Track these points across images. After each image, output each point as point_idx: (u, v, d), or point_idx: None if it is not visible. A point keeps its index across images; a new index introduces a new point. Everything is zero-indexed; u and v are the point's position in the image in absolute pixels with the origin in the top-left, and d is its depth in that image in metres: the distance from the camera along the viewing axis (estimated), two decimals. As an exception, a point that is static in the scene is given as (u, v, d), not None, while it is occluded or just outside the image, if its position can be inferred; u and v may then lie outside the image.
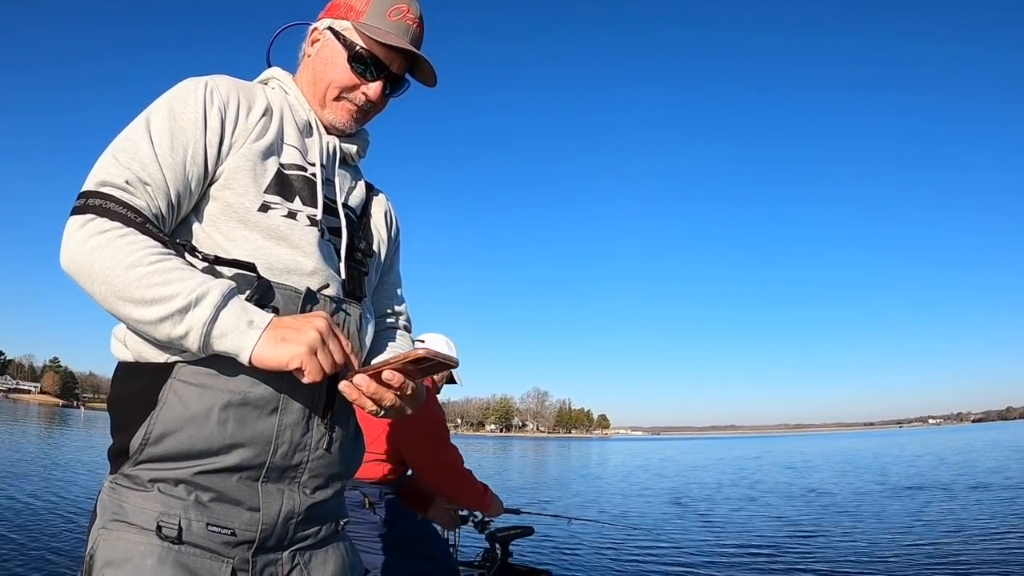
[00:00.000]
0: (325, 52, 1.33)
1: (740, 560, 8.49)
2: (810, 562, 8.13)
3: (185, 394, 1.09)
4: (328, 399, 1.21)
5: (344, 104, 1.34)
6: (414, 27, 1.34)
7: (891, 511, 12.60)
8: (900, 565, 7.74)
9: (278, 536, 1.18)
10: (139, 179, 1.08)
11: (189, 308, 1.00)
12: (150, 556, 1.05)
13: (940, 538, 9.38)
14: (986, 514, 11.55)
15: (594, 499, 16.86)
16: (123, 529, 1.08)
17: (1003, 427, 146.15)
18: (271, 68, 1.41)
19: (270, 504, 1.16)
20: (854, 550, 8.73)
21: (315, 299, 1.20)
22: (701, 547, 9.46)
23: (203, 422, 1.09)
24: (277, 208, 1.21)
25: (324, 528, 1.28)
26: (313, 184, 1.27)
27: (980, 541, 9.01)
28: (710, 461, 38.60)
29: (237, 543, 1.13)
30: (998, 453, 32.52)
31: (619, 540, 9.87)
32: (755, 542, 9.71)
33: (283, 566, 1.20)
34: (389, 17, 1.31)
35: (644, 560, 8.59)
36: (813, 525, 11.24)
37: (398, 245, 1.56)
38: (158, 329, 1.02)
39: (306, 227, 1.23)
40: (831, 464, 31.30)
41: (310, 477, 1.21)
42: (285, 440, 1.15)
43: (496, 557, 3.65)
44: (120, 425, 1.13)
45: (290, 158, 1.26)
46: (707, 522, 12.19)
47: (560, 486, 21.63)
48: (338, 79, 1.32)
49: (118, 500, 1.11)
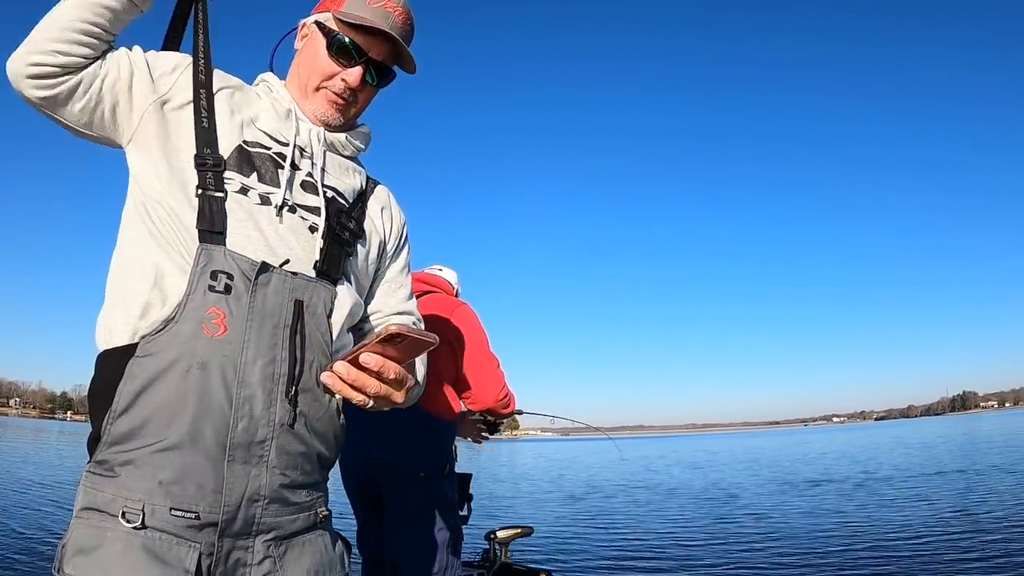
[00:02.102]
0: (310, 44, 1.39)
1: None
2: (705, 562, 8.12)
3: (143, 367, 1.11)
4: (292, 370, 1.19)
5: (325, 93, 1.37)
6: (396, 14, 1.37)
7: (792, 507, 12.89)
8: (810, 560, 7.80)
9: (244, 520, 1.16)
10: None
11: None
12: (117, 542, 1.07)
13: (839, 531, 9.63)
14: (895, 506, 11.98)
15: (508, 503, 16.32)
16: (93, 517, 1.10)
17: (905, 424, 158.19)
18: (264, 73, 1.44)
19: (233, 484, 1.14)
20: (750, 548, 8.80)
21: (268, 269, 1.19)
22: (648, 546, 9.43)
23: (161, 392, 1.10)
24: (229, 183, 1.23)
25: (301, 518, 1.25)
26: (275, 163, 1.30)
27: (888, 532, 9.27)
28: (613, 461, 38.98)
29: (202, 526, 1.12)
30: (902, 449, 33.67)
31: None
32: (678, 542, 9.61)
33: (254, 554, 1.18)
34: (369, 4, 1.35)
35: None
36: (711, 523, 11.38)
37: (404, 242, 1.57)
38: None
39: (255, 205, 1.24)
40: (737, 462, 32.35)
41: (278, 455, 1.18)
42: (245, 413, 1.14)
43: (496, 557, 3.77)
44: (92, 413, 1.15)
45: (254, 136, 1.30)
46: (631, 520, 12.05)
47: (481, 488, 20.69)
48: (319, 67, 1.36)
49: (90, 488, 1.13)
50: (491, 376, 2.96)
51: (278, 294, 1.18)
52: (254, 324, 1.14)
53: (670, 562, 8.08)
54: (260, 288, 1.17)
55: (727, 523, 11.12)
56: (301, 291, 1.22)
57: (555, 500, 16.30)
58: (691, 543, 9.30)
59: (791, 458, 33.07)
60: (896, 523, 9.97)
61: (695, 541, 9.47)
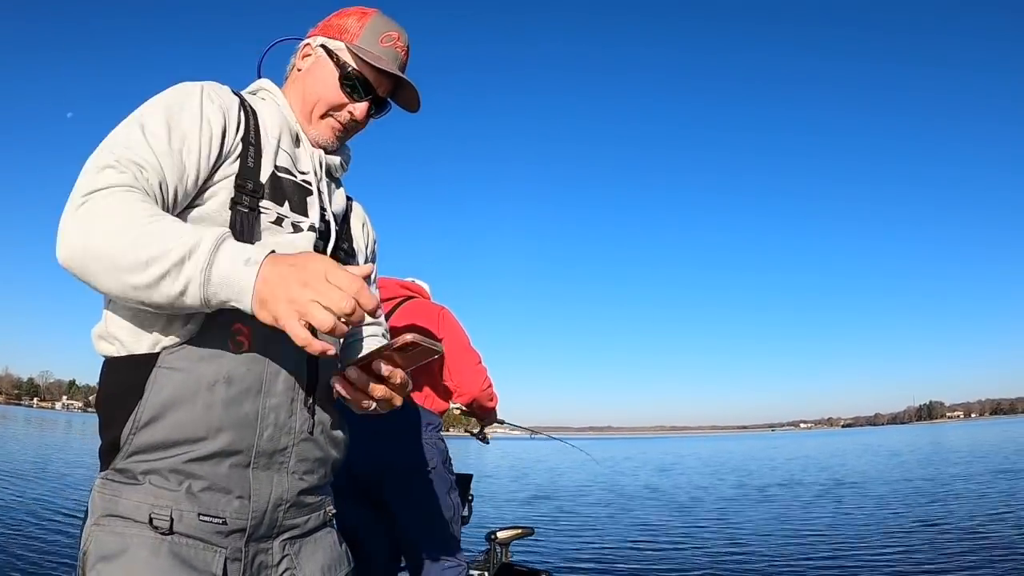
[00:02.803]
0: (317, 69, 1.40)
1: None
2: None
3: (170, 380, 1.12)
4: (311, 381, 1.25)
5: (329, 121, 1.40)
6: (402, 55, 1.44)
7: (757, 512, 12.98)
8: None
9: (268, 524, 1.21)
10: (132, 160, 1.08)
11: (184, 260, 0.99)
12: (144, 548, 1.08)
13: (802, 535, 9.85)
14: (860, 513, 12.10)
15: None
16: (115, 523, 1.10)
17: (872, 432, 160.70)
18: (261, 79, 1.45)
19: (260, 491, 1.19)
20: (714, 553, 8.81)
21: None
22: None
23: (189, 406, 1.12)
24: (266, 213, 1.25)
25: (312, 517, 1.32)
26: (305, 191, 1.34)
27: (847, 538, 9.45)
28: (579, 463, 38.91)
29: (229, 532, 1.15)
30: (870, 456, 34.19)
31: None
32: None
33: (274, 555, 1.23)
34: (381, 43, 1.40)
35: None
36: (673, 525, 11.52)
37: (375, 256, 1.63)
38: (159, 290, 1.00)
39: (289, 234, 1.28)
40: (704, 466, 32.60)
41: (297, 461, 1.24)
42: (270, 423, 1.19)
43: (496, 557, 3.90)
44: (108, 420, 1.15)
45: (284, 162, 1.32)
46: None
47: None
48: (327, 97, 1.38)
49: (110, 495, 1.13)
50: (474, 368, 3.25)
51: None
52: (276, 338, 1.09)
53: (671, 562, 8.12)
54: None
55: (722, 525, 11.16)
56: None
57: (518, 501, 16.33)
58: (686, 546, 9.33)
59: (777, 462, 33.37)
60: (862, 530, 10.04)
61: (689, 544, 9.48)
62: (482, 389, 3.25)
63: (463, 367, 3.22)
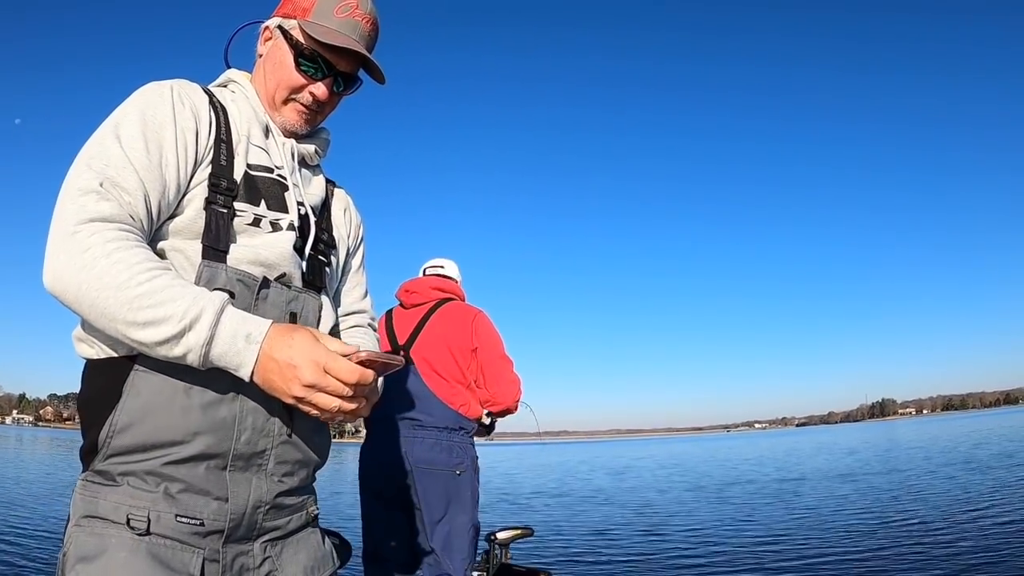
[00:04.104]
0: (275, 52, 1.36)
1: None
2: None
3: (147, 383, 1.12)
4: None
5: (294, 106, 1.36)
6: (364, 23, 1.35)
7: (704, 512, 13.15)
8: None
9: (247, 526, 1.21)
10: (115, 184, 1.09)
11: (184, 332, 1.02)
12: (122, 549, 1.08)
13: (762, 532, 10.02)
14: (819, 510, 12.20)
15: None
16: (95, 524, 1.11)
17: (826, 431, 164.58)
18: (229, 70, 1.43)
19: (238, 493, 1.19)
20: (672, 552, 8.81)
21: (268, 285, 1.23)
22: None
23: (166, 410, 1.12)
24: (242, 216, 1.23)
25: (294, 518, 1.31)
26: (281, 186, 1.32)
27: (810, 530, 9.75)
28: (531, 466, 40.04)
29: (207, 533, 1.15)
30: (824, 455, 34.33)
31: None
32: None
33: (254, 558, 1.23)
34: (337, 14, 1.32)
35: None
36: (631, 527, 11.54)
37: (361, 241, 1.61)
38: (155, 351, 1.05)
39: (268, 234, 1.26)
40: (659, 467, 33.09)
41: (276, 464, 1.24)
42: (247, 426, 1.18)
43: (496, 558, 3.86)
44: (88, 422, 1.15)
45: (257, 159, 1.30)
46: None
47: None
48: (286, 80, 1.34)
49: (89, 497, 1.14)
50: (509, 380, 3.29)
51: (275, 308, 1.22)
52: None
53: (669, 562, 8.07)
54: (260, 303, 1.20)
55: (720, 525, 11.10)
56: (294, 303, 1.27)
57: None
58: (686, 544, 9.24)
59: (712, 464, 33.60)
60: (826, 526, 10.03)
61: (689, 542, 9.37)
62: (516, 400, 3.31)
63: (499, 378, 3.26)
